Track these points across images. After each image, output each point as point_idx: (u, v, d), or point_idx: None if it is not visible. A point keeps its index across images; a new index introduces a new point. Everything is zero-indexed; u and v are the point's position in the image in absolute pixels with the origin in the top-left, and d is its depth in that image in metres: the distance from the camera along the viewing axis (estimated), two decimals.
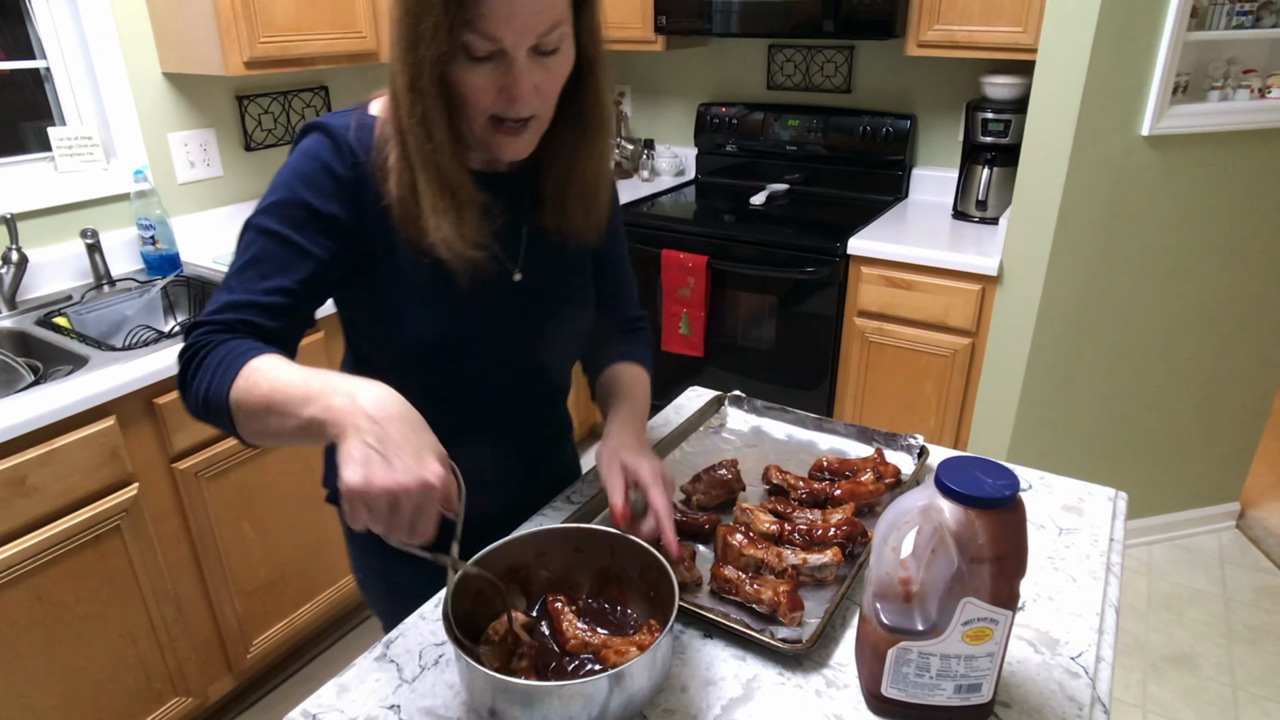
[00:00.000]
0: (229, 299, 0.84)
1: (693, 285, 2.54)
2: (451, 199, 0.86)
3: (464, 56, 0.79)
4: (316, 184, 0.86)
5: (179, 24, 2.03)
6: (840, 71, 2.80)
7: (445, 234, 0.86)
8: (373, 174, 0.87)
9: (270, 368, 0.77)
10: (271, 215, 0.86)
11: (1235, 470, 2.61)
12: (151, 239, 2.10)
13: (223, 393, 0.78)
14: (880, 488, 1.07)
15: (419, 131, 0.82)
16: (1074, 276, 2.13)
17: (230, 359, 0.79)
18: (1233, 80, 2.08)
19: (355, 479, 0.65)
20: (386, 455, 0.66)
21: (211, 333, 0.83)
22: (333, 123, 0.88)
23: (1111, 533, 1.04)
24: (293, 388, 0.74)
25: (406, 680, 0.83)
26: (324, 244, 0.87)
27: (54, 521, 1.52)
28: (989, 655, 0.73)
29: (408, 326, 0.92)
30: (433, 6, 0.76)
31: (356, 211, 0.88)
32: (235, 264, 0.86)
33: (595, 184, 0.97)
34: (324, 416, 0.70)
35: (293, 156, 0.89)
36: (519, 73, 0.80)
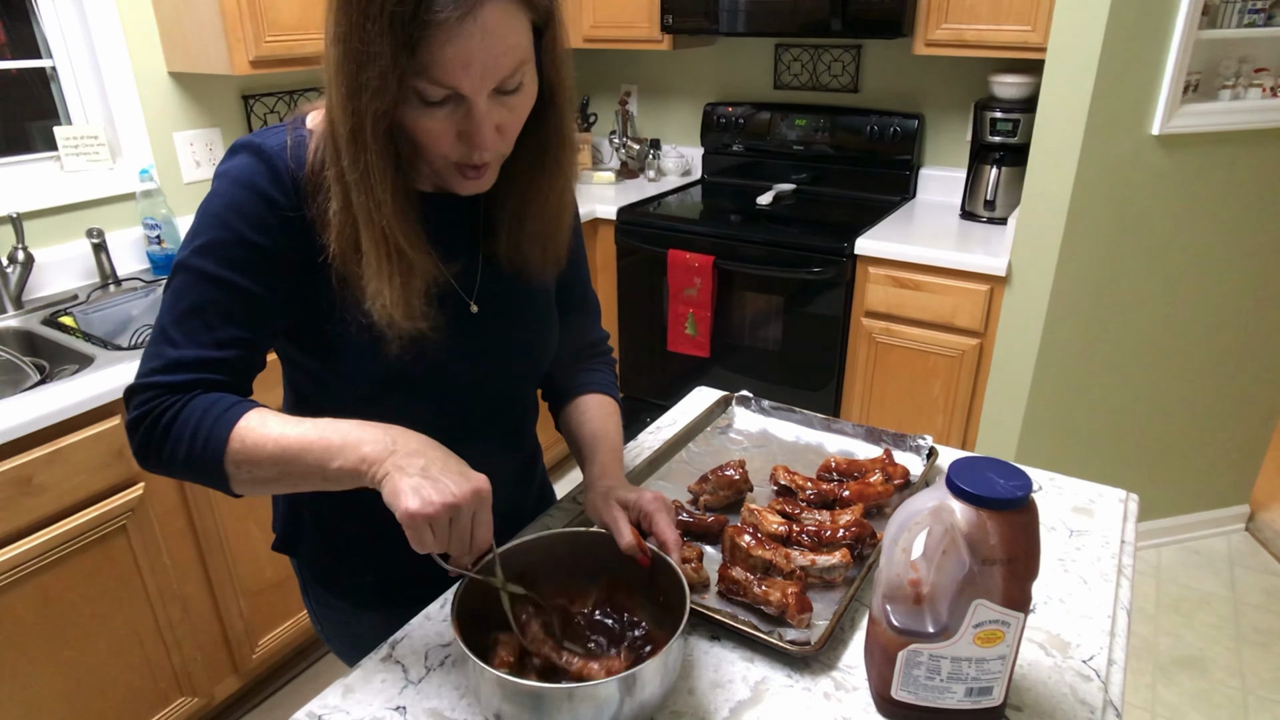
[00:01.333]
0: (176, 356, 0.78)
1: (699, 285, 2.54)
2: (399, 261, 0.77)
3: (417, 100, 0.72)
4: (254, 216, 0.78)
5: (185, 23, 2.04)
6: (847, 71, 2.79)
7: (385, 301, 0.78)
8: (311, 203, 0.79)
9: (266, 427, 0.76)
10: (209, 255, 0.78)
11: (1245, 472, 2.59)
12: (157, 238, 2.10)
13: (215, 456, 0.75)
14: (889, 489, 1.06)
15: (361, 186, 0.74)
16: (1083, 277, 2.12)
17: (211, 422, 0.76)
18: (1244, 79, 2.06)
19: (415, 504, 0.69)
20: (435, 479, 0.70)
21: (161, 397, 0.77)
22: (266, 143, 0.79)
23: (1123, 534, 1.03)
24: (310, 445, 0.74)
25: (412, 681, 0.82)
26: (270, 282, 0.79)
27: (60, 521, 1.52)
28: (1000, 658, 0.72)
29: (356, 363, 0.85)
30: (377, 56, 0.68)
31: (301, 240, 0.79)
32: (174, 310, 0.78)
33: (555, 220, 0.90)
34: (360, 466, 0.73)
35: (222, 184, 0.79)
36: (479, 120, 0.73)
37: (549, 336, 1.00)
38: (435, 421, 0.89)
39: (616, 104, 3.24)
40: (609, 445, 1.00)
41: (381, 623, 0.93)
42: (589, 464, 0.99)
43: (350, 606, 1.04)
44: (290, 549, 1.05)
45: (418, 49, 0.68)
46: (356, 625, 1.05)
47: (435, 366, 0.87)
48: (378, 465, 0.72)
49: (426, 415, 0.89)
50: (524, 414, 1.06)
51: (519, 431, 1.07)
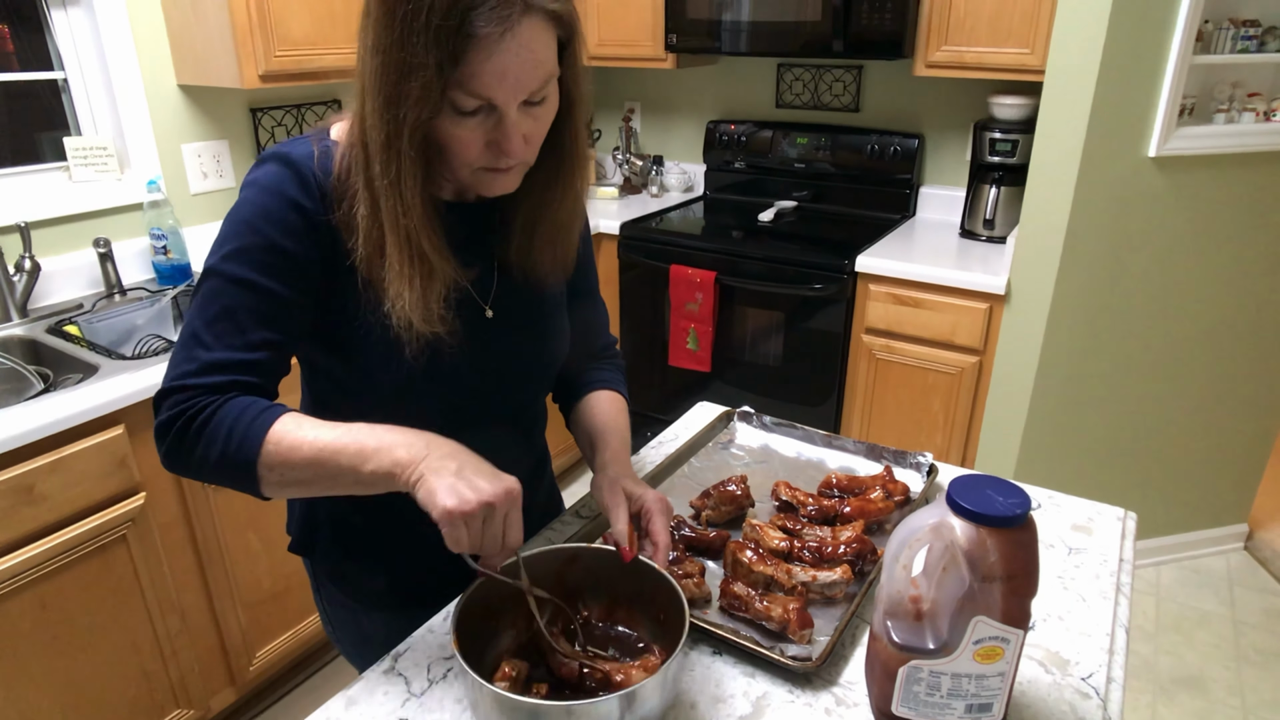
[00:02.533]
0: (209, 358, 0.80)
1: (701, 300, 2.55)
2: (420, 265, 0.80)
3: (450, 110, 0.75)
4: (284, 221, 0.80)
5: (196, 37, 2.06)
6: (849, 91, 2.82)
7: (405, 304, 0.80)
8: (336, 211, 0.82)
9: (301, 430, 0.78)
10: (240, 261, 0.80)
11: (1243, 491, 2.60)
12: (163, 249, 2.11)
13: (250, 458, 0.77)
14: (890, 505, 1.06)
15: (391, 194, 0.77)
16: (1081, 296, 2.14)
17: (246, 424, 0.78)
18: (1238, 103, 2.09)
19: (452, 502, 0.71)
20: (469, 479, 0.73)
21: (198, 398, 0.79)
22: (294, 152, 0.82)
23: (1121, 553, 1.03)
24: (344, 448, 0.77)
25: (415, 694, 0.83)
26: (300, 285, 0.82)
27: (60, 530, 1.52)
28: (1000, 675, 0.72)
29: (374, 368, 0.87)
30: (422, 67, 0.71)
31: (327, 248, 0.83)
32: (204, 314, 0.81)
33: (568, 225, 0.94)
34: (394, 469, 0.75)
35: (251, 192, 0.82)
36: (510, 128, 0.77)
37: (560, 342, 1.02)
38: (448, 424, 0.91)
39: (620, 121, 3.27)
40: (619, 436, 1.02)
41: (392, 624, 0.94)
42: (599, 450, 1.00)
43: (362, 607, 1.05)
44: (306, 550, 1.07)
45: (460, 61, 0.71)
46: (368, 625, 1.06)
47: (450, 370, 0.89)
48: (412, 468, 0.74)
49: (440, 418, 0.91)
50: (535, 418, 1.09)
51: (529, 435, 1.09)
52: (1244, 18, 2.02)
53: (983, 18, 2.20)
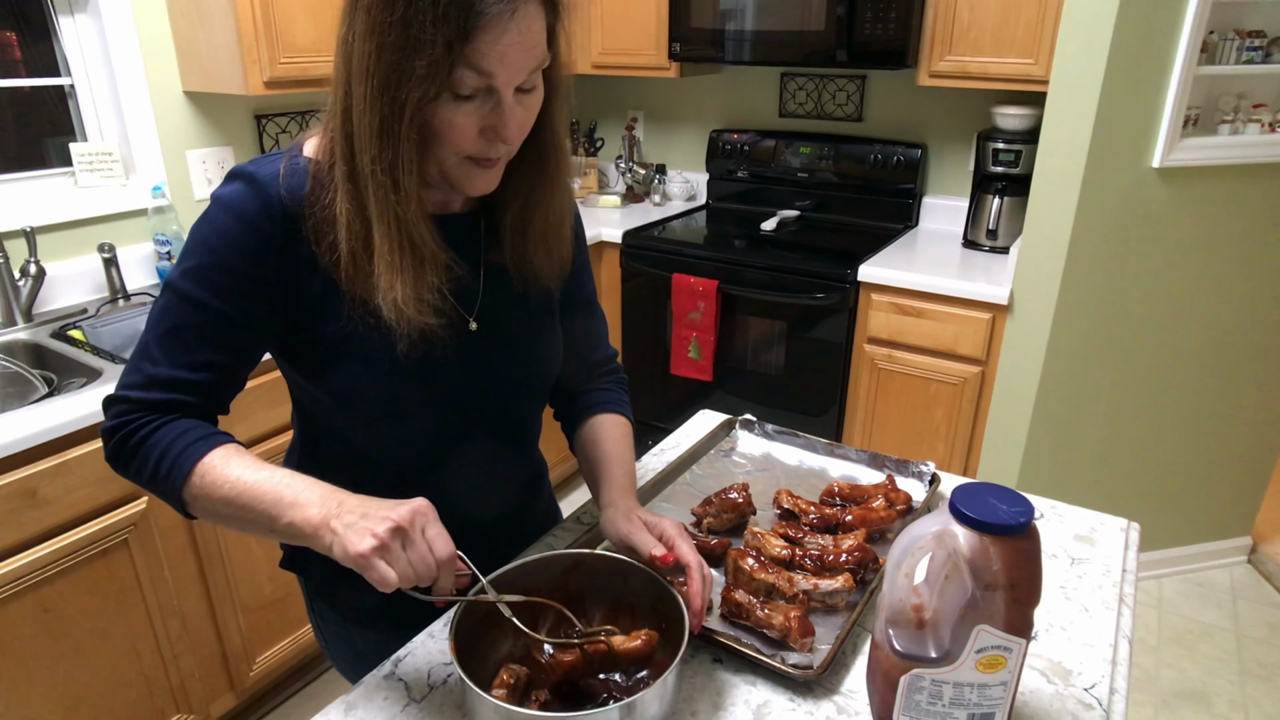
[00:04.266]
0: (154, 374, 0.80)
1: (703, 309, 2.55)
2: (412, 255, 0.79)
3: (448, 95, 0.74)
4: (240, 243, 0.79)
5: (202, 44, 2.07)
6: (852, 100, 2.83)
7: (399, 295, 0.78)
8: (304, 225, 0.80)
9: (227, 468, 0.78)
10: (194, 279, 0.80)
11: (1247, 504, 2.59)
12: (168, 254, 2.12)
13: (176, 486, 0.79)
14: (891, 514, 1.06)
15: (384, 180, 0.76)
16: (1084, 306, 2.13)
17: (177, 452, 0.79)
18: (1243, 114, 2.09)
19: (363, 544, 0.69)
20: (371, 517, 0.71)
21: (138, 413, 0.80)
22: (260, 171, 0.81)
23: (1124, 563, 1.03)
24: (261, 495, 0.76)
25: (415, 700, 0.82)
26: (252, 309, 0.81)
27: (63, 534, 1.52)
28: (1002, 684, 0.72)
29: (353, 387, 0.86)
30: (430, 45, 0.70)
31: (288, 268, 0.81)
32: (156, 328, 0.81)
33: (558, 221, 0.92)
34: (305, 529, 0.74)
35: (214, 210, 0.81)
36: (507, 112, 0.76)
37: (551, 354, 1.00)
38: (439, 438, 0.91)
39: (623, 129, 3.28)
40: (625, 467, 1.00)
41: (384, 641, 0.93)
42: (605, 484, 0.98)
43: (353, 624, 1.05)
44: (296, 566, 1.06)
45: (468, 39, 0.71)
46: (360, 642, 1.05)
47: (436, 383, 0.88)
48: (323, 528, 0.73)
49: (430, 431, 0.91)
50: (529, 432, 1.06)
51: (524, 448, 1.07)
52: (1249, 29, 2.02)
53: (986, 28, 2.21)
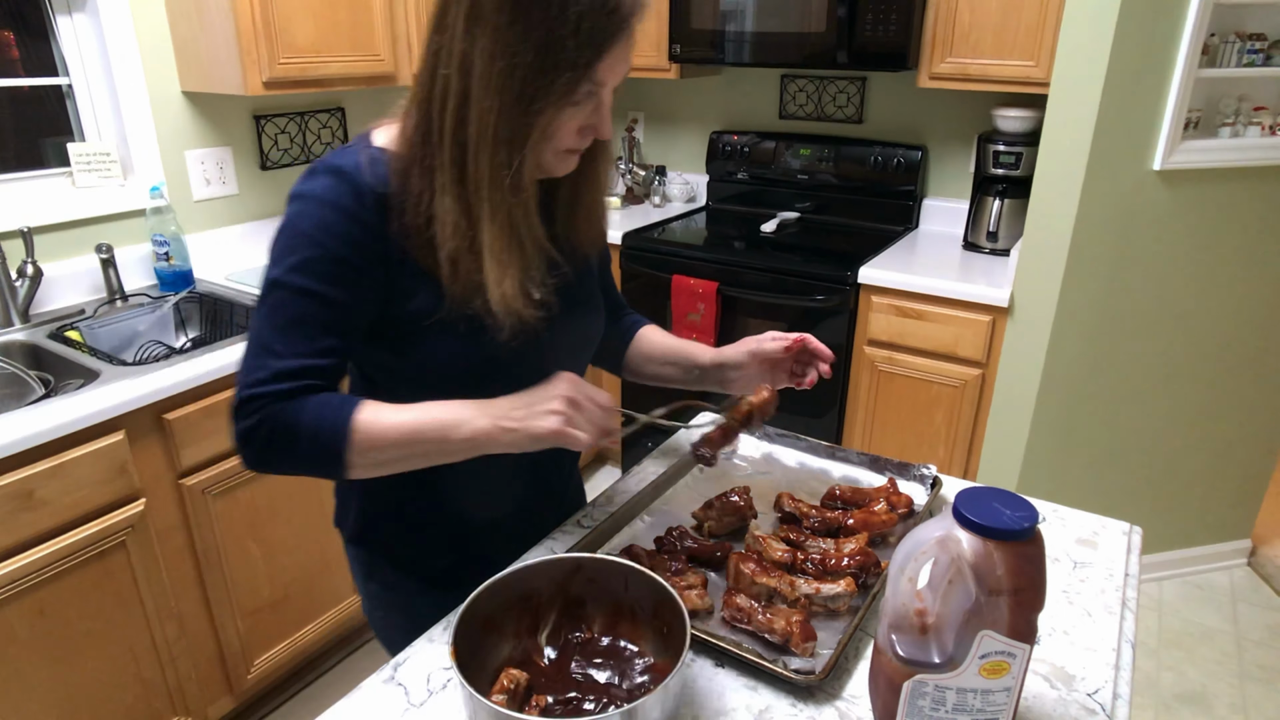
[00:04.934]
0: (280, 366, 0.84)
1: (703, 311, 2.55)
2: (519, 253, 0.87)
3: (565, 102, 0.83)
4: (344, 234, 0.85)
5: (200, 44, 2.07)
6: (852, 102, 2.82)
7: (507, 291, 0.86)
8: (392, 216, 0.86)
9: (382, 416, 0.86)
10: (304, 272, 0.85)
11: (1246, 506, 2.59)
12: (166, 255, 2.11)
13: (339, 449, 0.85)
14: (893, 517, 1.06)
15: (506, 185, 0.83)
16: (1085, 309, 2.13)
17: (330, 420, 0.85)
18: (1244, 117, 2.09)
19: (550, 423, 0.84)
20: (532, 405, 0.86)
21: (275, 403, 0.85)
22: (344, 164, 0.86)
23: (1126, 567, 1.02)
24: (424, 427, 0.86)
25: (414, 704, 0.82)
26: (359, 293, 0.87)
27: (60, 536, 1.51)
28: (1006, 690, 0.72)
29: (432, 358, 0.92)
30: (571, 64, 0.79)
31: (382, 252, 0.87)
32: (273, 323, 0.85)
33: (602, 193, 1.02)
34: (477, 437, 0.86)
35: (308, 205, 0.86)
36: (606, 111, 0.87)
37: (600, 318, 1.10)
38: None
39: (624, 131, 3.27)
40: None
41: (443, 602, 0.97)
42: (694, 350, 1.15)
43: (418, 587, 1.09)
44: (361, 539, 1.10)
45: (603, 54, 0.81)
46: (420, 605, 1.06)
47: (506, 354, 0.94)
48: (496, 431, 0.85)
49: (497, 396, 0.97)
50: None
51: None
52: (1250, 31, 2.02)
53: (987, 30, 2.21)
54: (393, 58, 2.30)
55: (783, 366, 1.12)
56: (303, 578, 2.02)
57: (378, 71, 2.27)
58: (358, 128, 2.69)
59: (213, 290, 2.14)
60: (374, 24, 2.22)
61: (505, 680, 0.78)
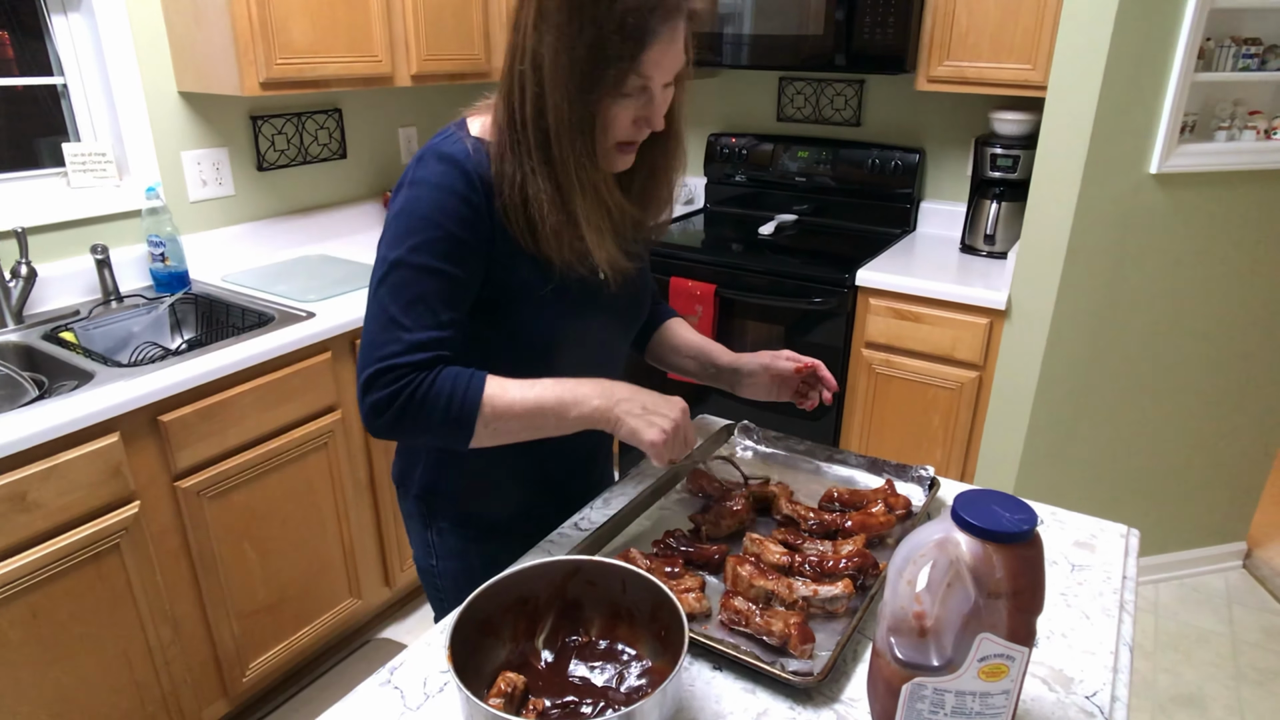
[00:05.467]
0: (411, 339, 0.93)
1: (701, 313, 2.55)
2: (609, 219, 0.97)
3: (617, 94, 0.91)
4: (459, 215, 0.93)
5: (197, 44, 2.06)
6: (850, 105, 2.83)
7: (609, 252, 0.98)
8: (495, 200, 0.95)
9: (508, 390, 0.95)
10: (425, 252, 0.93)
11: (1242, 509, 2.59)
12: (161, 256, 2.11)
13: (470, 419, 0.93)
14: (891, 519, 1.06)
15: (584, 163, 0.93)
16: (1082, 312, 2.13)
17: (463, 392, 0.93)
18: (1239, 121, 2.10)
19: (655, 435, 0.94)
20: (655, 413, 0.95)
21: (411, 374, 0.92)
22: (456, 151, 0.95)
23: (1124, 570, 1.02)
24: (546, 403, 0.95)
25: (410, 708, 0.81)
26: (473, 268, 0.96)
27: (54, 538, 1.50)
28: (1005, 693, 0.71)
29: (518, 328, 1.02)
30: (618, 59, 0.88)
31: (489, 230, 0.96)
32: (398, 300, 0.93)
33: (670, 190, 1.10)
34: (594, 416, 0.95)
35: (424, 190, 0.94)
36: (658, 105, 0.95)
37: (649, 304, 1.23)
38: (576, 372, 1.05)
39: None
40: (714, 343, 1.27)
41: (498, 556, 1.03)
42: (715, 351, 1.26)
43: (477, 537, 1.17)
44: (430, 495, 1.16)
45: (644, 48, 0.89)
46: (475, 558, 1.16)
47: (578, 325, 1.05)
48: (609, 413, 0.95)
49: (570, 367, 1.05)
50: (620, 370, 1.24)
51: None
52: (1245, 36, 2.03)
53: (985, 33, 2.21)
54: (390, 59, 2.30)
55: (790, 384, 1.22)
56: (298, 580, 2.01)
57: (375, 72, 2.27)
58: (354, 129, 2.69)
59: (209, 291, 2.13)
60: (371, 25, 2.22)
61: (502, 683, 0.77)
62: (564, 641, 0.86)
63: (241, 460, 1.80)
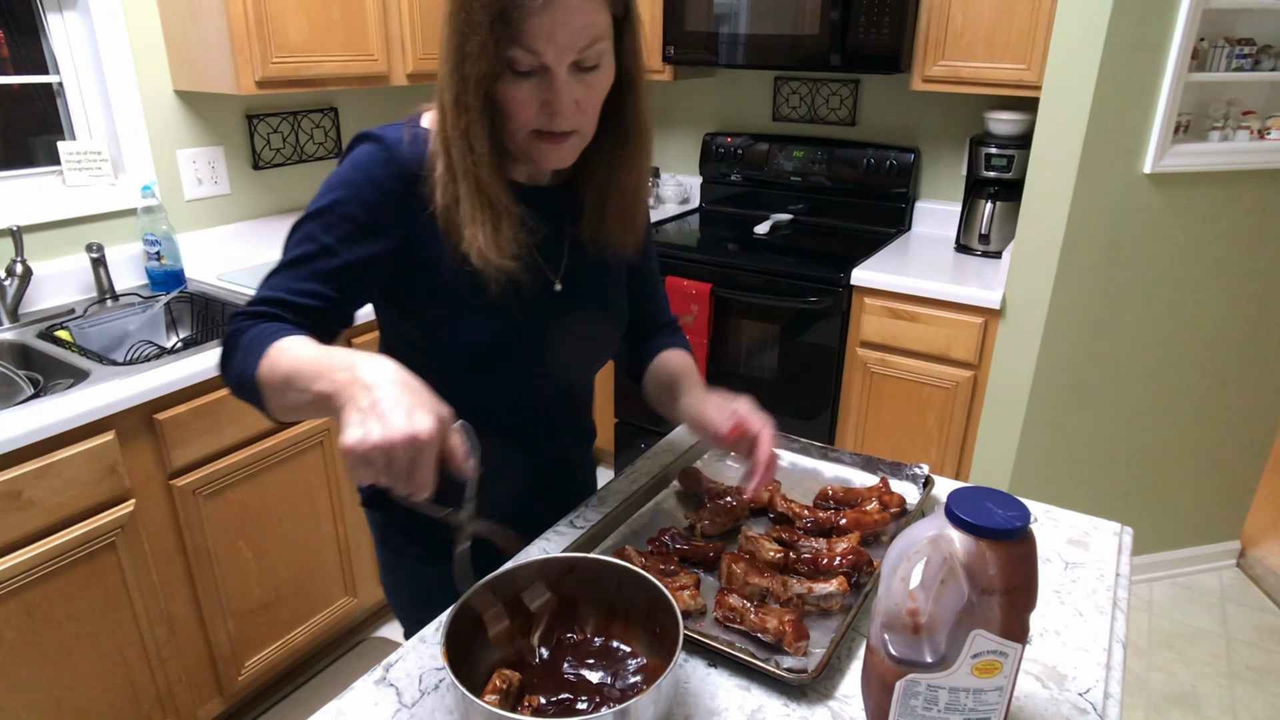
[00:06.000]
0: (266, 294, 0.89)
1: (696, 312, 2.55)
2: (489, 210, 0.90)
3: (509, 73, 0.84)
4: (362, 194, 0.90)
5: (193, 42, 2.06)
6: (845, 104, 2.83)
7: (480, 244, 0.90)
8: (423, 185, 0.91)
9: (291, 346, 0.82)
10: (317, 220, 0.90)
11: (1236, 508, 2.60)
12: (157, 254, 2.10)
13: (250, 371, 0.83)
14: (885, 517, 1.06)
15: (462, 144, 0.87)
16: (1076, 311, 2.14)
17: (259, 340, 0.84)
18: (1233, 121, 2.11)
19: (349, 439, 0.69)
20: (380, 415, 0.69)
21: (245, 319, 0.88)
22: (387, 134, 0.92)
23: (1117, 568, 1.03)
24: (305, 364, 0.79)
25: (406, 705, 0.81)
26: (362, 253, 0.90)
27: (49, 536, 1.50)
28: (998, 689, 0.72)
29: (449, 334, 0.96)
30: (480, 26, 0.81)
31: (402, 222, 0.91)
32: (281, 260, 0.91)
33: (634, 198, 1.01)
34: (329, 390, 0.75)
35: (343, 164, 0.92)
36: (560, 88, 0.85)
37: (621, 318, 1.12)
38: (515, 390, 1.02)
39: None
40: (698, 380, 1.12)
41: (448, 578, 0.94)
42: (685, 389, 1.09)
43: (427, 557, 1.09)
44: (380, 504, 1.11)
45: (511, 20, 0.80)
46: (429, 577, 1.08)
47: (523, 335, 0.98)
48: (338, 395, 0.73)
49: (508, 384, 1.01)
50: (588, 396, 1.19)
51: (582, 412, 1.19)
52: (1239, 36, 2.04)
53: (980, 33, 2.22)
54: (386, 58, 2.29)
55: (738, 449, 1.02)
56: (294, 579, 2.01)
57: (371, 71, 2.27)
58: (350, 128, 2.69)
59: (204, 290, 2.13)
60: (367, 24, 2.22)
61: (498, 680, 0.78)
62: (559, 639, 0.87)
63: (237, 459, 1.80)
